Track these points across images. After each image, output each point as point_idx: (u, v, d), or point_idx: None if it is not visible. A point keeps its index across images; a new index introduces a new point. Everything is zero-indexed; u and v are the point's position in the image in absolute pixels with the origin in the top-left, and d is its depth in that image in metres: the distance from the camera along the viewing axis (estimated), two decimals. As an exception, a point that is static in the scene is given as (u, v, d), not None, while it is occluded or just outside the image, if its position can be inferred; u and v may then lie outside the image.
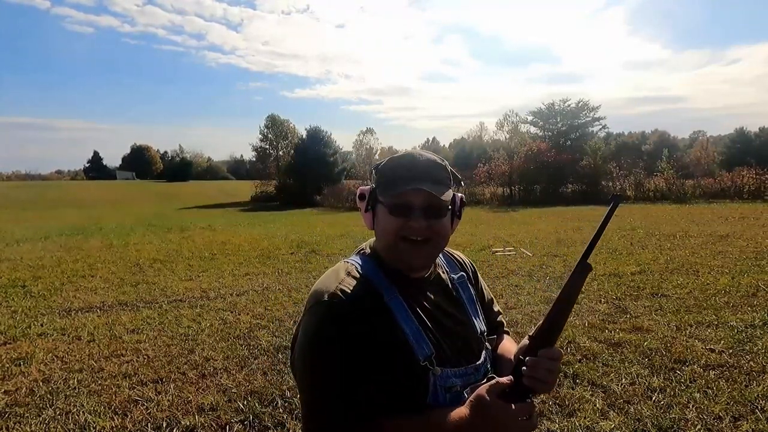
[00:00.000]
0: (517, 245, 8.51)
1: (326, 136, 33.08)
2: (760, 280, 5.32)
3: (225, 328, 4.39)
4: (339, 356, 0.85)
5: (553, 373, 0.83)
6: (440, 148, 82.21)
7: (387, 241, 0.93)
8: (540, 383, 0.82)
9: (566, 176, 23.93)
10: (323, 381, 0.86)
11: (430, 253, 0.94)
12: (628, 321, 4.17)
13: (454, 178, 0.97)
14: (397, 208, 0.90)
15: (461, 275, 1.09)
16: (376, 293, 0.91)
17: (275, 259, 8.01)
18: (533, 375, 0.81)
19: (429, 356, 0.89)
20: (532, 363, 0.82)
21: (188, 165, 75.77)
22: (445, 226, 0.93)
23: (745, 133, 51.21)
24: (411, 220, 0.89)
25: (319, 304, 0.89)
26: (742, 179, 20.00)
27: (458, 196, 0.97)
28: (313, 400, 0.88)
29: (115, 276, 6.87)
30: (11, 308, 5.19)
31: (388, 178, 0.93)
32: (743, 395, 2.77)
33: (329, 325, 0.87)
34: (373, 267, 0.96)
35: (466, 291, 1.07)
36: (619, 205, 0.87)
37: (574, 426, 2.54)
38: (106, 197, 37.63)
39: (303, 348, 0.90)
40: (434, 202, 0.89)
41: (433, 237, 0.91)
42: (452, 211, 0.96)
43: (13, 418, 2.81)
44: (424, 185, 0.88)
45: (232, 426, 2.69)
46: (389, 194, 0.90)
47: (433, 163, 0.94)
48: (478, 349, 1.00)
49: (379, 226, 0.94)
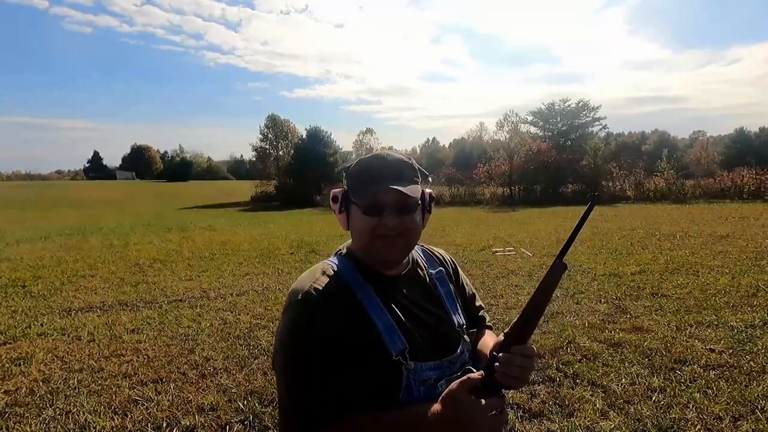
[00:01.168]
0: (517, 245, 8.51)
1: (326, 136, 33.10)
2: (760, 280, 5.32)
3: (225, 328, 4.39)
4: (313, 353, 0.87)
5: (524, 370, 0.85)
6: (440, 148, 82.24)
7: (363, 240, 0.96)
8: (511, 379, 0.84)
9: (566, 176, 23.93)
10: (298, 378, 0.88)
11: (404, 247, 0.98)
12: (628, 321, 4.17)
13: (422, 175, 1.01)
14: (371, 208, 0.93)
15: (439, 270, 1.11)
16: (349, 290, 0.94)
17: (275, 259, 8.01)
18: (505, 371, 0.83)
19: (402, 351, 0.91)
20: (504, 359, 0.84)
21: (188, 165, 75.85)
22: (416, 221, 0.97)
23: (745, 133, 51.26)
24: (384, 218, 0.92)
25: (293, 303, 0.92)
26: (742, 179, 20.01)
27: (427, 191, 1.01)
28: (289, 396, 0.90)
29: (115, 276, 6.87)
30: (11, 308, 5.19)
31: (359, 179, 0.96)
32: (743, 395, 2.77)
33: (302, 322, 0.89)
34: (349, 266, 0.99)
35: (444, 286, 1.09)
36: (596, 206, 0.88)
37: (574, 426, 2.54)
38: (106, 197, 37.62)
39: (278, 346, 0.93)
40: (405, 199, 0.93)
41: (405, 232, 0.95)
42: (422, 206, 1.00)
43: (13, 418, 2.81)
44: (394, 184, 0.91)
45: (232, 426, 2.69)
46: (362, 195, 0.94)
47: (401, 162, 0.98)
48: (455, 342, 1.02)
49: (354, 226, 0.98)
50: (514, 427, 2.58)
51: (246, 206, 29.15)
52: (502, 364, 0.83)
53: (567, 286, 5.46)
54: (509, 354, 0.84)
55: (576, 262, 6.84)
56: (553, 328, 4.03)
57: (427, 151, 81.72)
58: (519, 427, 2.57)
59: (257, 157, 39.49)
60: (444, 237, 10.32)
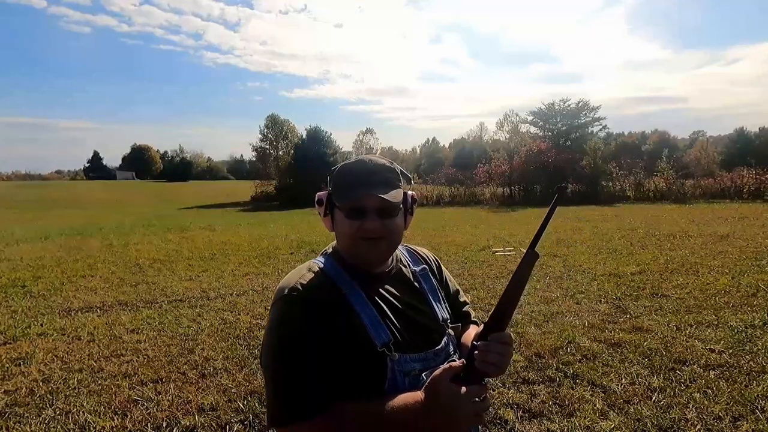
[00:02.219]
0: (517, 245, 8.51)
1: (326, 136, 33.05)
2: (760, 280, 5.32)
3: (225, 328, 4.39)
4: (300, 345, 0.90)
5: (503, 357, 0.88)
6: (440, 148, 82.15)
7: (346, 242, 1.00)
8: (490, 366, 0.87)
9: (566, 176, 23.87)
10: (285, 370, 0.90)
11: (386, 249, 1.02)
12: (628, 321, 4.17)
13: (404, 177, 1.05)
14: (353, 212, 0.97)
15: (423, 268, 1.15)
16: (335, 287, 0.97)
17: (275, 259, 8.01)
18: (484, 358, 0.86)
19: (387, 342, 0.94)
20: (483, 347, 0.87)
21: (188, 165, 75.88)
22: (398, 224, 1.01)
23: (745, 133, 51.21)
24: (366, 221, 0.96)
25: (280, 298, 0.95)
26: (742, 179, 19.98)
27: (409, 194, 1.04)
28: (276, 388, 0.91)
29: (115, 276, 6.87)
30: (11, 308, 5.20)
31: (342, 184, 1.00)
32: (743, 395, 2.77)
33: (289, 316, 0.93)
34: (334, 264, 1.03)
35: (428, 282, 1.13)
36: (563, 194, 0.92)
37: (574, 426, 2.54)
38: (106, 197, 37.62)
39: (266, 339, 0.96)
40: (386, 204, 0.96)
41: (387, 235, 0.98)
42: (404, 209, 1.03)
43: (13, 418, 2.81)
44: (375, 190, 0.95)
45: (232, 426, 2.70)
46: (344, 200, 0.97)
47: (382, 167, 1.01)
48: (439, 335, 1.05)
49: (338, 229, 1.02)
50: (514, 427, 2.58)
51: (246, 206, 29.13)
52: (481, 351, 0.86)
53: (567, 286, 5.47)
54: (487, 342, 0.87)
55: (576, 262, 6.85)
56: (553, 328, 4.04)
57: (427, 151, 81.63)
58: (519, 427, 2.57)
59: (257, 157, 39.53)
60: (444, 237, 10.32)
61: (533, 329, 4.05)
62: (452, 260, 7.37)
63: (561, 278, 5.90)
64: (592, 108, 30.91)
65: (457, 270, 6.57)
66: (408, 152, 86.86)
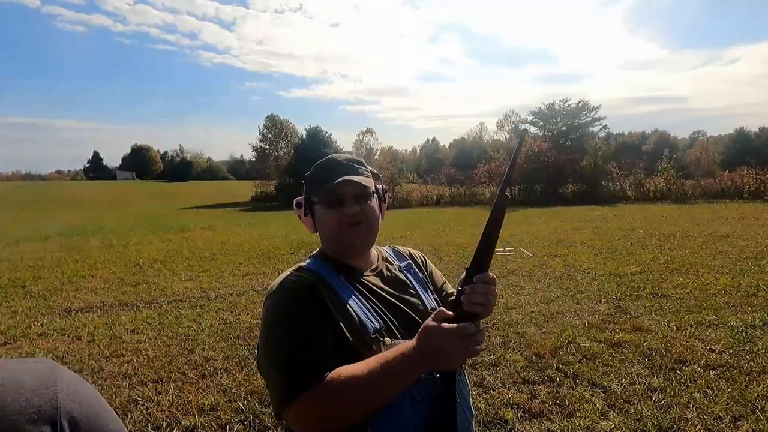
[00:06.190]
0: (517, 245, 8.50)
1: (326, 136, 33.08)
2: (760, 280, 5.31)
3: (225, 328, 4.39)
4: (294, 327, 0.93)
5: (487, 295, 0.92)
6: (440, 148, 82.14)
7: (330, 232, 1.06)
8: (477, 306, 0.90)
9: (566, 176, 23.90)
10: (279, 354, 0.91)
11: (367, 232, 1.07)
12: (628, 321, 4.17)
13: (373, 175, 1.13)
14: (331, 199, 1.04)
15: (408, 263, 1.20)
16: (324, 282, 1.02)
17: (275, 259, 8.01)
18: (471, 300, 0.90)
19: (378, 329, 0.97)
20: (468, 289, 0.91)
21: (188, 165, 75.83)
22: (374, 209, 1.08)
23: (745, 133, 51.22)
24: (345, 207, 1.03)
25: (273, 292, 0.99)
26: (742, 179, 19.96)
27: (379, 186, 1.13)
28: (275, 375, 0.92)
29: (115, 276, 6.87)
30: (11, 308, 5.20)
31: (317, 179, 1.07)
32: (743, 395, 2.77)
33: (282, 303, 0.97)
34: (321, 262, 1.08)
35: (413, 274, 1.18)
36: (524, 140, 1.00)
37: (574, 426, 2.54)
38: (106, 197, 37.62)
39: (261, 332, 0.98)
40: (360, 189, 1.04)
41: (366, 219, 1.05)
42: (379, 198, 1.11)
43: (13, 418, 2.81)
44: (347, 176, 1.03)
45: (232, 426, 2.69)
46: (321, 191, 1.04)
47: (352, 159, 1.10)
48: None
49: (321, 223, 1.08)
50: (514, 427, 2.58)
51: (246, 206, 29.14)
52: (468, 294, 0.90)
53: (567, 286, 5.47)
54: (473, 284, 0.91)
55: (576, 262, 6.85)
56: (553, 328, 4.04)
57: (427, 151, 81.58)
58: (519, 427, 2.57)
59: (257, 157, 39.52)
60: (444, 237, 10.32)
61: (533, 329, 4.05)
62: (452, 260, 7.37)
63: (561, 278, 5.90)
64: (592, 108, 30.95)
65: (458, 270, 6.56)
66: (408, 152, 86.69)
